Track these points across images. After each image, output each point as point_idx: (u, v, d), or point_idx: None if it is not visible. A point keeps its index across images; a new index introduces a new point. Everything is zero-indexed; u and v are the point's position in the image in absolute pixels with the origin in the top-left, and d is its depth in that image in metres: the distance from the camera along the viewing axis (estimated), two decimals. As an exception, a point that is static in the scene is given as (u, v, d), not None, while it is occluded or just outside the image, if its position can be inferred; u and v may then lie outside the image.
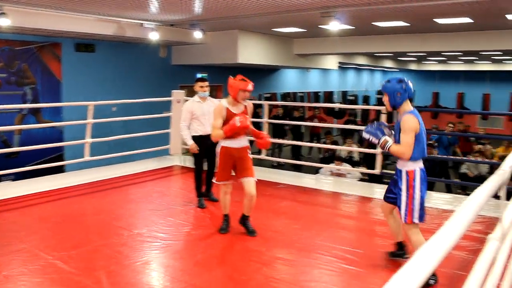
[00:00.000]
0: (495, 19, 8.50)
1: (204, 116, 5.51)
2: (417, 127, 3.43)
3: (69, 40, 9.59)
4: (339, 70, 20.49)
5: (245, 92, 4.36)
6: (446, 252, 1.06)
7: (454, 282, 3.57)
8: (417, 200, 3.50)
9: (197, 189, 5.64)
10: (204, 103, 5.58)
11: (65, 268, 3.74)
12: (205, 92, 5.58)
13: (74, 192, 6.10)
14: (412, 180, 3.51)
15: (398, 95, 3.49)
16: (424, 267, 0.93)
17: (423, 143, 3.51)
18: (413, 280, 0.87)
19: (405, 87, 3.50)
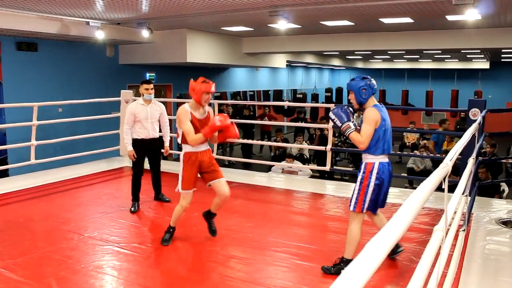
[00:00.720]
0: (436, 19, 8.85)
1: (147, 119, 5.37)
2: (377, 120, 3.49)
3: (10, 39, 9.20)
4: (288, 68, 20.70)
5: (208, 94, 4.14)
6: (393, 244, 1.10)
7: (404, 272, 3.71)
8: (369, 193, 3.55)
9: (133, 193, 5.45)
10: (148, 106, 5.42)
11: (12, 276, 3.60)
12: (150, 94, 5.44)
13: (20, 197, 5.88)
14: (369, 172, 3.56)
15: (363, 91, 3.56)
16: (373, 260, 0.96)
17: (385, 139, 3.55)
18: (363, 272, 0.90)
19: (369, 83, 3.58)
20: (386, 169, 3.60)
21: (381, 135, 3.53)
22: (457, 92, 21.08)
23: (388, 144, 3.59)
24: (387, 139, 3.58)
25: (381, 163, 3.58)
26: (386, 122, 3.56)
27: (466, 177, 3.15)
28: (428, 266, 1.58)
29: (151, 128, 5.39)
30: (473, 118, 5.44)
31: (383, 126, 3.52)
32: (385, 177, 3.60)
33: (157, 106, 5.52)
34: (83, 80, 10.69)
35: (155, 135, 5.48)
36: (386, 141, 3.56)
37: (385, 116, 3.56)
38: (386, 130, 3.56)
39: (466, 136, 3.28)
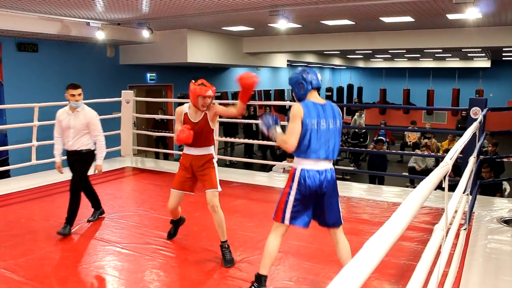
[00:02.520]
0: (437, 18, 8.85)
1: (70, 129, 4.66)
2: (298, 116, 3.04)
3: (10, 40, 9.21)
4: (288, 68, 20.70)
5: (204, 99, 3.87)
6: (392, 243, 1.10)
7: (404, 271, 3.70)
8: (290, 202, 3.13)
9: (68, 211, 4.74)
10: (73, 115, 4.69)
11: (13, 277, 3.61)
12: (77, 102, 4.67)
13: (21, 197, 5.89)
14: (290, 178, 3.14)
15: (300, 85, 3.17)
16: (371, 259, 0.96)
17: (313, 141, 3.07)
18: (361, 270, 0.90)
19: (305, 76, 3.16)
20: (316, 179, 3.08)
21: (305, 135, 3.06)
22: (458, 91, 21.07)
23: (313, 147, 3.06)
24: (319, 141, 3.07)
25: (305, 170, 3.09)
26: (316, 121, 3.07)
27: (467, 176, 3.15)
28: (429, 265, 1.58)
29: (71, 139, 4.67)
30: (474, 117, 5.44)
31: (306, 125, 3.04)
32: (312, 188, 3.08)
33: (83, 115, 4.71)
34: (84, 81, 10.58)
35: (75, 147, 4.70)
36: (314, 144, 3.07)
37: (312, 113, 3.07)
38: (314, 132, 3.06)
39: (467, 135, 3.27)
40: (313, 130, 3.05)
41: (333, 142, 3.13)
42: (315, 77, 3.20)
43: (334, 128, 3.14)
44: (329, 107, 3.18)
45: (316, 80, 3.20)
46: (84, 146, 4.74)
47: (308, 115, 3.05)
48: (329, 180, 3.11)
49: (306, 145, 3.06)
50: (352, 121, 16.33)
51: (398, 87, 23.64)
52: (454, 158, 2.32)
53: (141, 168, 7.81)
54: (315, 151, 3.06)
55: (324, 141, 3.08)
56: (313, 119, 3.05)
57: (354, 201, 5.88)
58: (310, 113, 3.05)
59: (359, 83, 25.96)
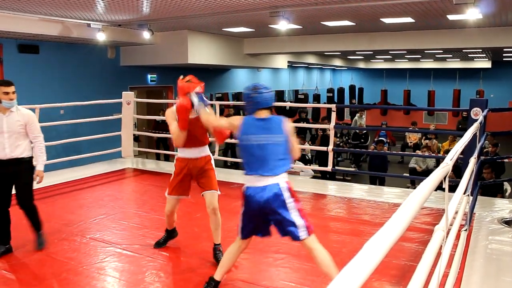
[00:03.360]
0: (437, 19, 8.85)
1: (3, 133, 3.97)
2: (234, 125, 3.11)
3: (11, 41, 9.22)
4: (289, 69, 20.71)
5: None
6: (392, 244, 1.10)
7: (405, 272, 3.70)
8: (241, 218, 3.14)
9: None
10: (6, 116, 4.01)
11: (13, 278, 3.62)
12: (12, 101, 4.00)
13: (21, 199, 5.88)
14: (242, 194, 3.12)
15: (248, 103, 3.11)
16: (371, 259, 0.96)
17: (252, 158, 3.02)
18: (361, 271, 0.90)
19: (253, 96, 3.08)
20: (257, 196, 2.99)
21: (244, 152, 3.07)
22: (459, 91, 21.06)
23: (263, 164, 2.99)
24: (258, 158, 3.00)
25: (247, 187, 3.06)
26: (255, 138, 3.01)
27: (467, 176, 3.15)
28: (429, 266, 1.58)
29: (7, 145, 3.98)
30: (475, 117, 5.44)
31: (242, 141, 3.06)
32: (256, 205, 3.01)
33: (20, 116, 4.06)
34: (85, 82, 10.71)
35: (14, 155, 4.02)
36: (253, 161, 3.02)
37: (250, 129, 3.04)
38: (253, 148, 3.01)
39: (467, 136, 3.27)
40: (251, 147, 3.01)
41: (275, 158, 3.01)
42: (265, 97, 3.07)
43: (277, 143, 3.04)
44: (272, 121, 3.08)
45: (265, 100, 3.08)
46: (26, 152, 4.12)
47: (245, 131, 3.04)
48: (270, 197, 2.96)
49: (246, 162, 3.05)
50: (352, 122, 16.33)
51: (399, 88, 23.63)
52: (455, 158, 2.32)
53: (142, 169, 7.81)
54: (255, 168, 3.00)
55: (264, 157, 2.99)
56: (251, 135, 3.02)
57: (355, 202, 5.88)
58: (247, 129, 3.04)
59: (360, 84, 25.97)
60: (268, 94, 3.10)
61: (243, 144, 3.04)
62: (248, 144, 3.02)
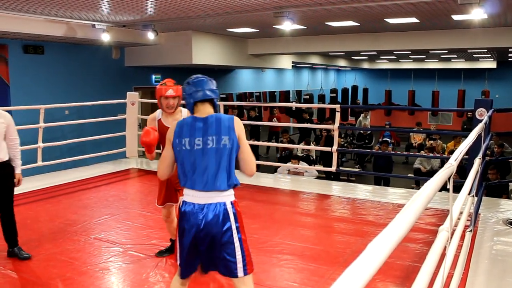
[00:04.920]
0: (442, 19, 8.82)
1: None
2: (169, 137, 2.52)
3: (16, 42, 9.26)
4: (294, 69, 20.69)
5: (167, 99, 3.52)
6: (396, 244, 1.10)
7: (409, 273, 3.69)
8: (178, 241, 2.53)
9: None
10: None
11: (18, 278, 3.63)
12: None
13: (27, 199, 5.91)
14: (177, 212, 2.57)
15: (185, 98, 2.64)
16: (375, 260, 0.96)
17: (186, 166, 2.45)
18: (365, 272, 0.90)
19: (186, 88, 2.60)
20: (193, 214, 2.40)
21: (177, 159, 2.49)
22: (464, 92, 20.99)
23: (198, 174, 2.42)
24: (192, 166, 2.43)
25: (184, 202, 2.47)
26: (188, 140, 2.44)
27: (472, 177, 3.13)
28: (433, 266, 1.58)
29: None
30: (480, 118, 5.42)
31: (175, 147, 2.48)
32: (190, 225, 2.40)
33: (2, 118, 3.94)
34: (89, 83, 10.74)
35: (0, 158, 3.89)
36: (187, 170, 2.44)
37: (185, 131, 2.46)
38: (186, 154, 2.44)
39: (472, 136, 3.26)
40: (184, 152, 2.44)
41: (215, 167, 2.42)
42: (200, 88, 2.55)
43: (218, 148, 2.43)
44: (214, 120, 2.47)
45: (200, 92, 2.54)
46: (6, 156, 3.93)
47: (179, 134, 2.46)
48: (210, 220, 2.38)
49: (180, 172, 2.47)
50: (357, 122, 16.31)
51: (403, 88, 23.58)
52: (459, 159, 2.31)
53: (146, 169, 7.83)
54: (189, 179, 2.43)
55: (201, 166, 2.42)
56: (184, 138, 2.44)
57: (359, 203, 5.87)
58: (181, 131, 2.46)
59: (364, 84, 25.93)
60: (202, 82, 2.58)
61: (176, 150, 2.46)
62: (182, 150, 2.44)
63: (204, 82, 2.59)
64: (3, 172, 3.92)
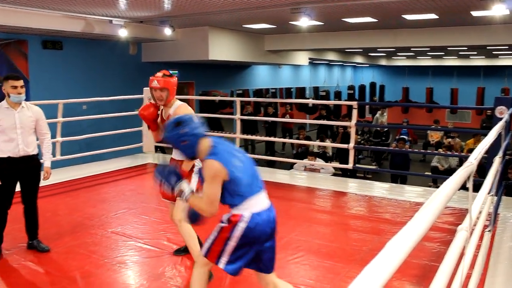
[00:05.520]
0: (461, 15, 8.70)
1: (16, 129, 3.88)
2: (220, 172, 2.48)
3: (36, 37, 9.38)
4: (310, 66, 20.60)
5: (155, 91, 3.57)
6: (415, 243, 1.09)
7: (426, 272, 3.66)
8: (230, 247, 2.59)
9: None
10: (17, 111, 3.92)
11: (38, 269, 3.69)
12: (20, 95, 3.89)
13: (46, 192, 5.97)
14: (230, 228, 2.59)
15: (185, 143, 2.59)
16: (394, 259, 0.95)
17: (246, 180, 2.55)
18: (384, 271, 0.89)
19: (185, 129, 2.58)
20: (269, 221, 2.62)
21: (236, 182, 2.53)
22: (483, 89, 20.69)
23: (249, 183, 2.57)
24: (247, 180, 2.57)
25: (255, 214, 2.57)
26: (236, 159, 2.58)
27: (492, 176, 3.09)
28: (452, 266, 1.56)
29: (21, 141, 3.90)
30: (500, 116, 5.33)
31: (233, 173, 2.51)
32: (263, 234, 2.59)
33: (31, 111, 4.02)
34: (107, 78, 10.83)
35: (28, 151, 3.96)
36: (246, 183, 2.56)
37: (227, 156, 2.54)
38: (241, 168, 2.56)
39: (492, 135, 3.22)
40: (239, 169, 2.55)
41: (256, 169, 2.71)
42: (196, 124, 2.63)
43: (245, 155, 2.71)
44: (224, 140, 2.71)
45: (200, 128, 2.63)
46: (36, 149, 4.05)
47: (227, 161, 2.52)
48: (274, 216, 2.68)
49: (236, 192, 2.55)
50: (374, 119, 16.20)
51: (421, 86, 23.33)
52: (479, 158, 2.28)
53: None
54: (250, 188, 2.58)
55: (251, 172, 2.63)
56: (232, 159, 2.55)
57: (376, 200, 5.83)
58: (225, 157, 2.53)
59: (381, 81, 25.73)
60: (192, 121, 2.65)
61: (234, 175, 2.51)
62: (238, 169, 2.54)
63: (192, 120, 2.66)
64: (31, 165, 4.00)
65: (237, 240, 2.55)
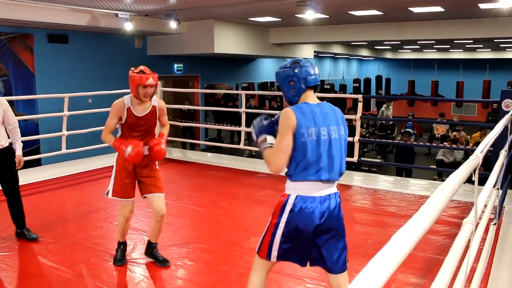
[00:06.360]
0: (468, 8, 8.64)
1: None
2: (291, 126, 2.27)
3: (42, 31, 9.40)
4: (315, 59, 20.53)
5: (145, 88, 3.39)
6: (420, 236, 1.09)
7: (431, 265, 3.66)
8: (277, 237, 2.39)
9: None
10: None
11: (44, 262, 3.72)
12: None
13: (52, 185, 6.04)
14: (279, 207, 2.40)
15: (291, 83, 2.41)
16: (399, 252, 0.96)
17: (311, 157, 2.29)
18: (388, 264, 0.90)
19: (299, 71, 2.38)
20: (315, 209, 2.31)
21: (301, 150, 2.29)
22: (489, 82, 20.57)
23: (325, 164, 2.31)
24: (319, 157, 2.30)
25: (300, 196, 2.34)
26: (315, 130, 2.29)
27: (497, 169, 3.08)
28: (457, 259, 1.56)
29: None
30: (506, 109, 5.31)
31: (301, 137, 2.27)
32: (309, 222, 2.31)
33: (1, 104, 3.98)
34: (112, 71, 10.84)
35: (2, 143, 3.99)
36: (313, 161, 2.29)
37: (309, 120, 2.29)
38: (313, 144, 2.29)
39: (498, 128, 3.21)
40: (310, 143, 2.28)
41: (339, 158, 2.38)
42: (312, 71, 2.41)
43: (339, 138, 2.39)
44: (331, 110, 2.42)
45: (313, 76, 2.40)
46: (6, 142, 4.05)
47: (304, 124, 2.28)
48: (332, 211, 2.36)
49: (303, 163, 2.30)
50: (379, 113, 16.15)
51: (427, 79, 23.22)
52: (485, 151, 2.28)
53: (168, 158, 7.88)
54: (314, 171, 2.30)
55: (326, 156, 2.32)
56: (311, 128, 2.29)
57: (381, 194, 5.83)
58: (306, 121, 2.29)
59: (387, 74, 25.63)
60: (312, 67, 2.44)
61: (302, 141, 2.28)
62: (309, 140, 2.29)
63: (314, 67, 2.45)
64: (4, 158, 4.01)
65: (284, 228, 2.35)
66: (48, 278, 3.44)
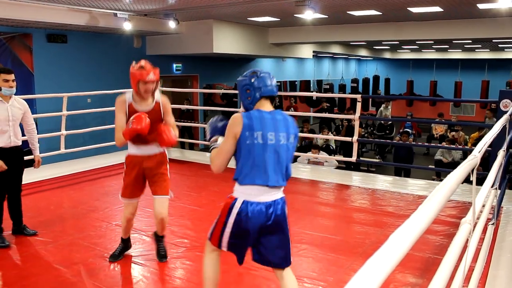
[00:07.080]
0: (467, 8, 8.65)
1: (8, 121, 4.01)
2: (236, 130, 2.37)
3: (40, 31, 9.39)
4: (314, 59, 20.53)
5: (146, 84, 3.37)
6: (418, 236, 1.09)
7: (429, 265, 3.67)
8: (226, 234, 2.52)
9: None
10: (8, 104, 4.03)
11: (43, 261, 3.72)
12: (12, 88, 3.99)
13: (50, 185, 6.03)
14: (227, 210, 2.49)
15: (247, 92, 2.49)
16: (397, 252, 0.96)
17: (257, 161, 2.37)
18: (386, 263, 0.90)
19: (254, 81, 2.47)
20: (261, 214, 2.41)
21: (248, 152, 2.37)
22: (488, 82, 20.58)
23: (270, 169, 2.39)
24: (265, 161, 2.37)
25: (247, 202, 2.42)
26: (261, 134, 2.36)
27: (495, 169, 3.09)
28: (455, 259, 1.57)
29: (12, 133, 4.06)
30: (504, 109, 5.32)
31: (248, 139, 2.36)
32: (255, 225, 2.42)
33: (20, 104, 4.16)
34: (111, 71, 10.84)
35: (17, 142, 4.13)
36: (259, 165, 2.37)
37: (256, 124, 2.37)
38: (259, 148, 2.36)
39: (496, 128, 3.21)
40: (256, 146, 2.36)
41: (284, 163, 2.46)
42: (269, 82, 2.50)
43: (286, 145, 2.45)
44: (283, 118, 2.48)
45: (269, 87, 2.49)
46: (20, 140, 4.20)
47: (250, 127, 2.35)
48: (278, 215, 2.45)
49: (248, 166, 2.38)
50: (378, 112, 16.16)
51: (425, 79, 23.23)
52: (483, 151, 2.28)
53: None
54: (261, 175, 2.38)
55: (273, 160, 2.39)
56: (257, 131, 2.36)
57: (379, 193, 5.84)
58: (253, 124, 2.36)
59: (385, 74, 25.63)
60: (269, 77, 2.53)
61: (247, 144, 2.36)
62: (255, 144, 2.37)
63: (271, 78, 2.55)
64: (19, 156, 4.17)
65: (232, 227, 2.48)
66: (47, 278, 3.44)
